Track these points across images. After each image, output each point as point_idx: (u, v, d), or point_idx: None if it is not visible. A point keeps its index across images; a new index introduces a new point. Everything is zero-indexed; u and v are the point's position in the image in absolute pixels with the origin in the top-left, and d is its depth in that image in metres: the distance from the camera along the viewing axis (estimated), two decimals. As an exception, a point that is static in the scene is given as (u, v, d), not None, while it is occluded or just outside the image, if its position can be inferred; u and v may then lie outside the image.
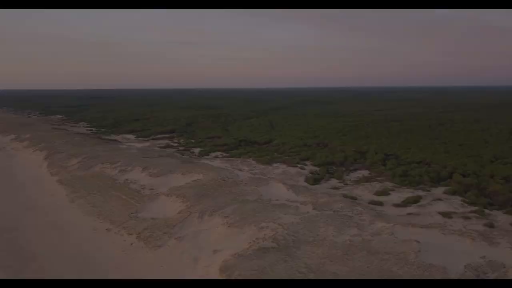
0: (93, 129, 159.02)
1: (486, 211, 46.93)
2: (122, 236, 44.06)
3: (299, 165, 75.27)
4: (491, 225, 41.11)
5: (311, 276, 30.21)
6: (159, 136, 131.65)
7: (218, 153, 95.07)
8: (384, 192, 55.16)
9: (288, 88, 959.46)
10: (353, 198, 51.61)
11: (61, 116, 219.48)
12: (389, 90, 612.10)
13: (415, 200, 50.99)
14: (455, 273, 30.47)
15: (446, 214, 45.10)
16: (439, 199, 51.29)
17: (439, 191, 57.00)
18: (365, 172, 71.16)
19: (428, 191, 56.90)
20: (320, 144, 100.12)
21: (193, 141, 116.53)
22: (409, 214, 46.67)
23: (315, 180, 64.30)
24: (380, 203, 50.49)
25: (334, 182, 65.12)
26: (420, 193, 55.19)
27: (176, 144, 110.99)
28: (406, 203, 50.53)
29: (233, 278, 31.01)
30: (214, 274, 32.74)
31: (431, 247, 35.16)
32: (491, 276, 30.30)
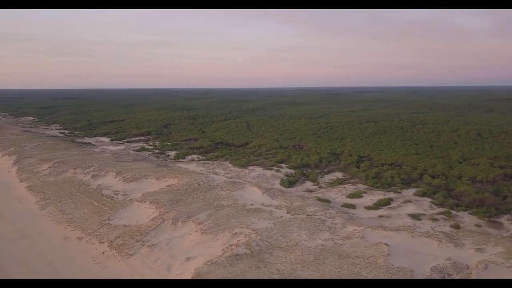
0: (66, 131, 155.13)
1: (453, 212, 48.59)
2: (94, 244, 43.19)
3: (274, 168, 75.73)
4: (457, 227, 42.60)
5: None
6: (134, 138, 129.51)
7: (194, 156, 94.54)
8: (357, 195, 56.17)
9: (266, 89, 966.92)
10: (327, 201, 52.32)
11: (32, 118, 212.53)
12: (365, 90, 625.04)
13: (386, 202, 52.15)
14: (421, 275, 31.38)
15: (415, 216, 46.41)
16: (409, 201, 52.64)
17: (409, 192, 58.54)
18: (339, 174, 72.31)
19: (399, 192, 58.35)
20: (296, 146, 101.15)
21: (169, 143, 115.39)
22: (380, 216, 47.72)
23: (290, 183, 64.89)
24: (353, 206, 51.43)
25: (308, 184, 65.93)
26: (392, 195, 56.42)
27: (151, 147, 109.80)
28: (377, 205, 51.60)
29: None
30: (186, 282, 32.59)
31: (400, 250, 36.13)
32: (456, 277, 31.46)
